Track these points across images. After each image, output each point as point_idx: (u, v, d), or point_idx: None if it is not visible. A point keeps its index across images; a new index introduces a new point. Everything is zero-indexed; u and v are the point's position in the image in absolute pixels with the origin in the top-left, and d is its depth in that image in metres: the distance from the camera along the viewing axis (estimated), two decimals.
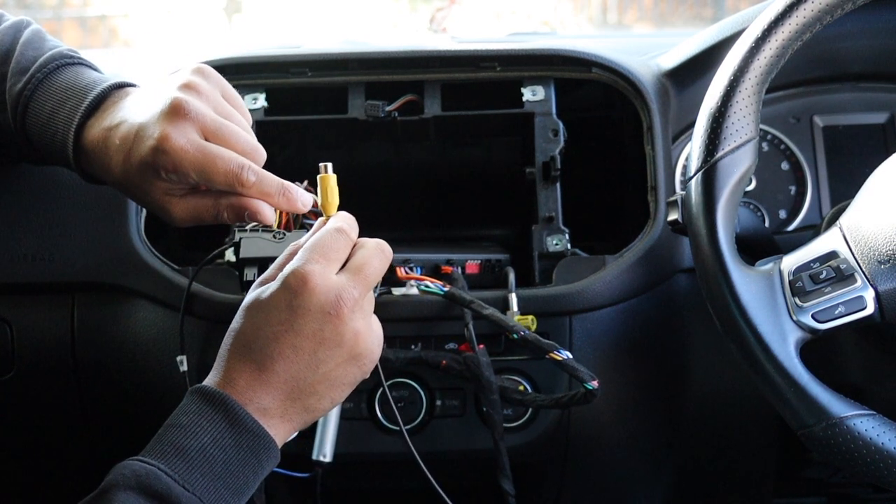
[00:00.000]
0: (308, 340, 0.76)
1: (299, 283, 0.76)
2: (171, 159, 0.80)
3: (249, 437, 0.74)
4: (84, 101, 0.87)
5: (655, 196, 1.10)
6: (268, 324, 0.76)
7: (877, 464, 0.82)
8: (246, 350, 0.76)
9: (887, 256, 0.85)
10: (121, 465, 0.72)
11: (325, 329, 0.77)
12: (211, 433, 0.73)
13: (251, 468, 0.74)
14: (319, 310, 0.76)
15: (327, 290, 0.77)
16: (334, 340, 0.77)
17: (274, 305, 0.77)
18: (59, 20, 3.87)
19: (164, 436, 0.74)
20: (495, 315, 0.99)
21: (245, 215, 0.84)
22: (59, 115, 0.88)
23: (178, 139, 0.80)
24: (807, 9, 0.89)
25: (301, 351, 0.76)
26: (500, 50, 1.16)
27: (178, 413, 0.75)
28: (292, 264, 0.78)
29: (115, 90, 0.89)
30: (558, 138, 1.12)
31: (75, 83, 0.90)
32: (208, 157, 0.81)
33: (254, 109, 1.13)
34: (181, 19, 3.81)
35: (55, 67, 0.91)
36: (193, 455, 0.72)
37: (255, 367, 0.76)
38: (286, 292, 0.76)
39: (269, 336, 0.76)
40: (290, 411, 0.77)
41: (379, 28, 3.29)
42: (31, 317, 1.10)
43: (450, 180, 1.27)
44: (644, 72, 1.16)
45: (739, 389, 1.11)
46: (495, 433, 1.00)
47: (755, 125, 0.89)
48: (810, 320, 0.85)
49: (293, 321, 0.76)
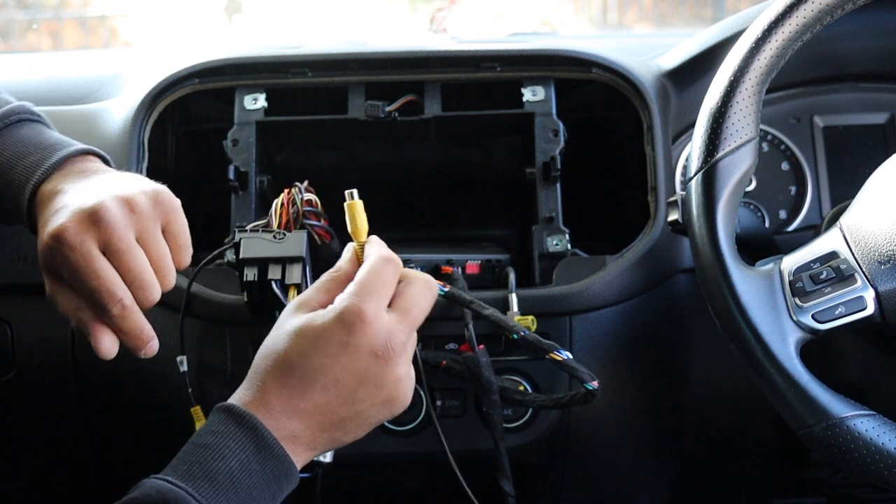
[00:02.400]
0: (351, 378, 0.77)
1: (355, 320, 0.77)
2: (58, 251, 0.79)
3: (275, 462, 0.74)
4: (48, 160, 0.87)
5: (655, 196, 1.10)
6: (316, 354, 0.76)
7: (877, 464, 0.82)
8: (287, 375, 0.76)
9: (887, 257, 0.85)
10: (147, 484, 0.71)
11: (370, 369, 0.77)
12: (238, 457, 0.73)
13: (271, 493, 0.74)
14: (369, 351, 0.77)
15: (379, 331, 0.77)
16: (376, 382, 0.78)
17: (326, 338, 0.77)
18: (59, 20, 3.87)
19: (191, 455, 0.73)
20: (495, 315, 0.98)
21: (87, 335, 0.83)
22: (17, 167, 0.87)
23: (72, 238, 0.78)
24: (807, 9, 0.89)
25: (342, 386, 0.77)
26: (501, 50, 1.16)
27: (204, 432, 0.74)
28: (347, 298, 0.78)
29: (78, 157, 0.89)
30: (558, 138, 1.12)
31: (41, 140, 0.89)
32: (88, 268, 0.79)
33: (254, 109, 1.13)
34: (181, 19, 3.81)
35: (16, 121, 0.91)
36: (221, 479, 0.71)
37: (293, 393, 0.76)
38: (341, 327, 0.77)
39: (314, 366, 0.76)
40: (316, 441, 0.77)
41: (379, 28, 3.28)
42: (31, 317, 1.10)
43: (450, 180, 1.27)
44: (644, 72, 1.16)
45: (739, 389, 1.11)
46: (495, 433, 1.00)
47: (755, 125, 0.89)
48: (810, 320, 0.85)
49: (342, 356, 0.76)
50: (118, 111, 1.15)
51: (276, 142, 1.19)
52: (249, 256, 0.95)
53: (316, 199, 1.01)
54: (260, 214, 1.06)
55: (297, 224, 0.99)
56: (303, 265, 0.95)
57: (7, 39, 3.05)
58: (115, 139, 1.12)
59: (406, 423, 1.03)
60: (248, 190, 1.10)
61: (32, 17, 3.50)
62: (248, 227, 0.99)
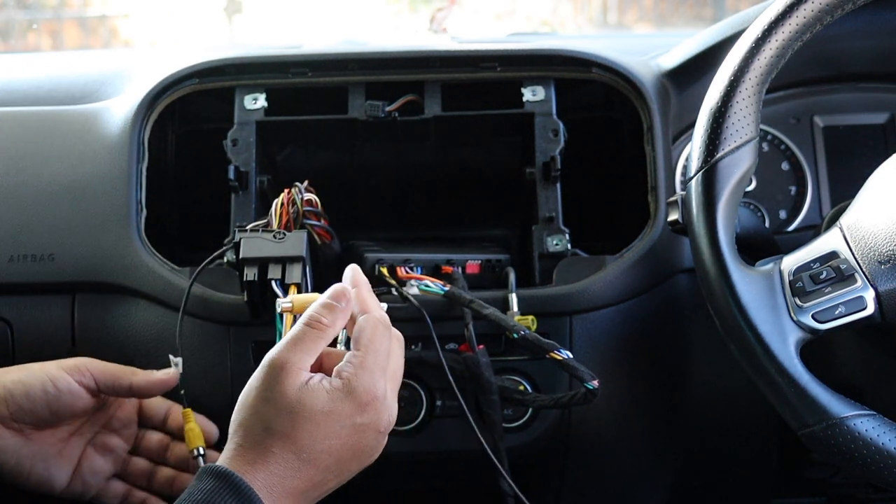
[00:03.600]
0: (351, 453, 0.78)
1: (370, 400, 0.77)
2: None
3: None
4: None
5: (655, 196, 1.10)
6: (326, 437, 0.76)
7: (877, 464, 0.82)
8: (290, 442, 0.75)
9: (887, 257, 0.85)
10: None
11: (369, 444, 0.79)
12: None
13: None
14: (375, 428, 0.78)
15: (386, 408, 0.79)
16: (369, 453, 0.79)
17: (336, 419, 0.76)
18: (59, 20, 3.87)
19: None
20: (495, 315, 0.98)
21: None
22: None
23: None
24: (807, 9, 0.89)
25: (341, 464, 0.78)
26: (501, 50, 1.16)
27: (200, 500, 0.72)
28: (358, 374, 0.77)
29: None
30: (558, 138, 1.12)
31: None
32: None
33: (254, 109, 1.13)
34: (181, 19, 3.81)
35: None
36: None
37: (295, 459, 0.75)
38: (353, 406, 0.77)
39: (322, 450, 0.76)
40: (304, 494, 0.77)
41: (379, 28, 3.29)
42: (31, 317, 1.10)
43: (450, 180, 1.27)
44: (644, 72, 1.16)
45: (739, 389, 1.11)
46: (494, 434, 1.00)
47: (755, 125, 0.89)
48: (810, 320, 0.85)
49: (351, 436, 0.77)
50: (118, 111, 1.15)
51: (276, 142, 1.19)
52: (249, 256, 0.95)
53: (316, 199, 1.01)
54: (260, 214, 1.06)
55: (298, 224, 0.99)
56: (303, 265, 0.95)
57: (7, 39, 3.06)
58: (115, 139, 1.12)
59: (406, 423, 1.03)
60: (249, 190, 1.10)
61: (32, 17, 3.50)
62: (249, 226, 0.99)
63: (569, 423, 1.07)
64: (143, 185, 1.11)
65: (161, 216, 1.16)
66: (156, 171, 1.14)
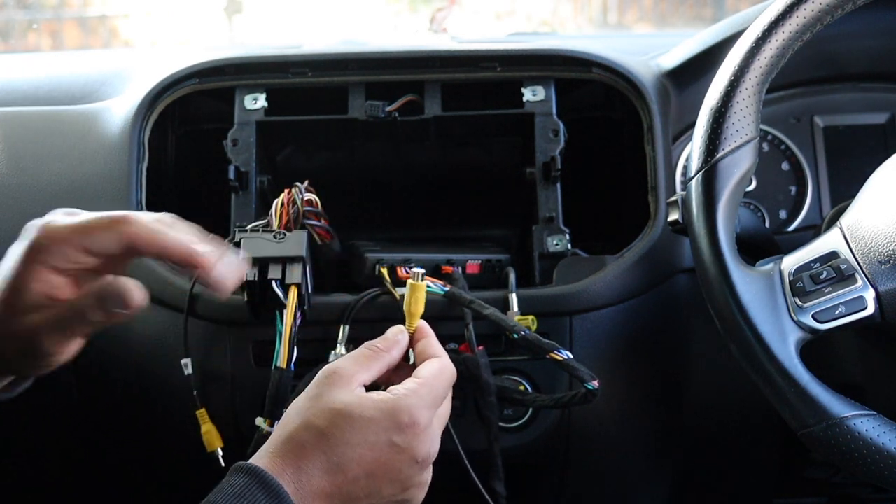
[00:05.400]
0: (384, 474, 0.77)
1: (411, 423, 0.77)
2: None
3: None
4: None
5: (655, 196, 1.10)
6: (359, 444, 0.76)
7: (877, 464, 0.82)
8: (323, 439, 0.75)
9: (888, 256, 0.85)
10: None
11: (403, 471, 0.78)
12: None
13: None
14: (412, 455, 0.78)
15: (427, 440, 0.79)
16: (403, 484, 0.78)
17: (373, 430, 0.76)
18: (59, 20, 3.87)
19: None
20: (495, 315, 0.98)
21: None
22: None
23: None
24: (807, 9, 0.89)
25: (372, 480, 0.76)
26: (501, 50, 1.16)
27: (230, 494, 0.72)
28: (406, 397, 0.78)
29: None
30: (558, 138, 1.12)
31: None
32: None
33: (254, 109, 1.13)
34: (181, 19, 3.81)
35: None
36: None
37: (325, 459, 0.75)
38: (392, 424, 0.77)
39: (353, 456, 0.76)
40: (330, 499, 0.76)
41: (379, 28, 3.29)
42: None
43: (450, 180, 1.27)
44: (644, 72, 1.16)
45: (740, 389, 1.11)
46: (490, 434, 1.00)
47: (755, 125, 0.89)
48: (810, 320, 0.85)
49: (384, 453, 0.77)
50: (118, 111, 1.15)
51: (276, 142, 1.19)
52: (250, 256, 0.96)
53: (316, 199, 1.01)
54: (260, 214, 1.06)
55: (298, 224, 0.99)
56: (303, 265, 0.95)
57: (7, 39, 3.06)
58: (115, 139, 1.12)
59: None
60: (249, 190, 1.10)
61: (32, 17, 3.50)
62: (249, 226, 0.99)
63: (569, 424, 1.07)
64: (144, 185, 1.10)
65: None
66: (156, 172, 1.14)
